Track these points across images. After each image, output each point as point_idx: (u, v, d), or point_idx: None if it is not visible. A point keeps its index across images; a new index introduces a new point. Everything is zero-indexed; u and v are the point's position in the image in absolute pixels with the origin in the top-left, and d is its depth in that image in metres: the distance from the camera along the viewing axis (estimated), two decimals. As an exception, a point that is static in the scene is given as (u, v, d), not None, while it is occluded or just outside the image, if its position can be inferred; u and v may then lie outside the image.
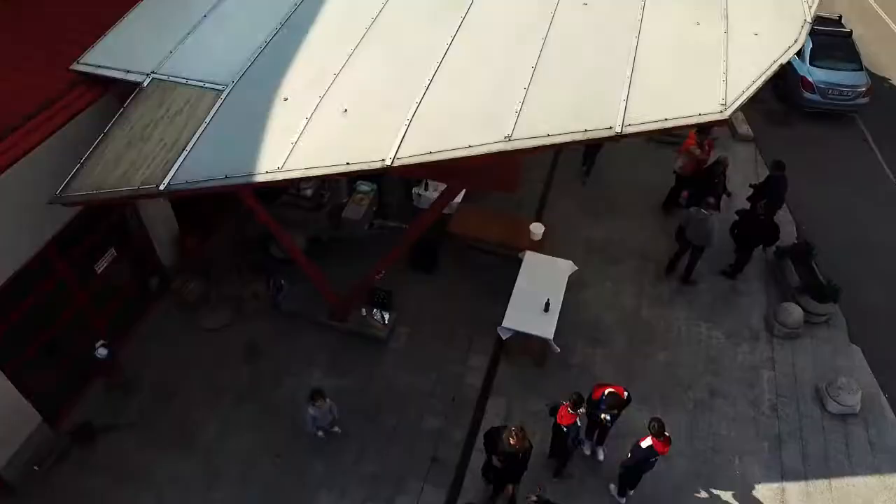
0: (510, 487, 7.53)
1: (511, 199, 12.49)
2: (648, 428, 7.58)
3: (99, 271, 9.30)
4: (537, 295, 9.69)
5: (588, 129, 6.84)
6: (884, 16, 19.14)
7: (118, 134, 7.53)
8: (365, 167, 6.88)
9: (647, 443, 7.64)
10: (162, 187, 6.90)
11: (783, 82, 15.35)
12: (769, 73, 7.15)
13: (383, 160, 6.81)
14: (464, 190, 11.77)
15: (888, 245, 12.25)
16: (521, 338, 9.60)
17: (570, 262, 10.42)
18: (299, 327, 10.36)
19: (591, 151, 13.07)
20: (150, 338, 10.19)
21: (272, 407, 9.42)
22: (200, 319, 10.43)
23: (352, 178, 11.21)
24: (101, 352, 8.82)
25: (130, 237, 9.90)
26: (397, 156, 6.81)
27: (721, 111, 6.82)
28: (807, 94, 14.77)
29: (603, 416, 8.01)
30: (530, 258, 10.34)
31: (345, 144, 7.02)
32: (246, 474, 8.70)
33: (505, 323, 9.45)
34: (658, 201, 12.72)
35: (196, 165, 7.04)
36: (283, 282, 10.54)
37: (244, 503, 8.41)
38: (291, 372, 9.83)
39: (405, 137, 6.93)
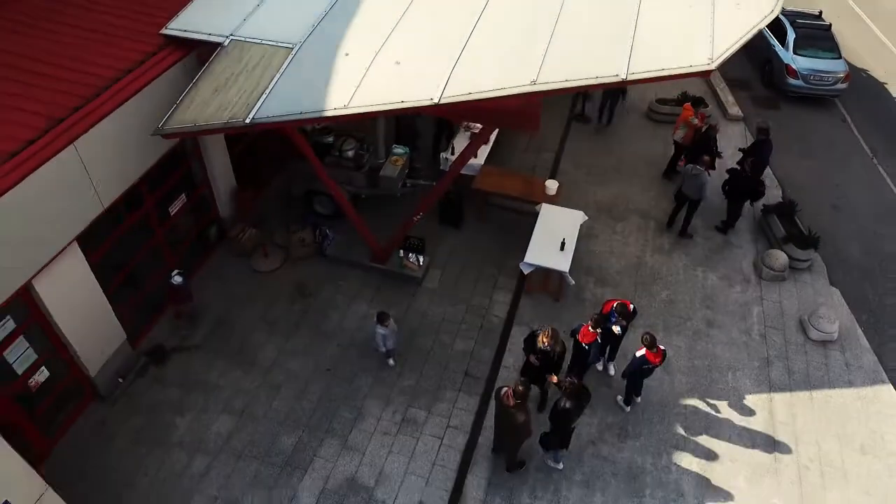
0: (553, 376, 8.71)
1: (526, 166, 13.95)
2: (641, 340, 8.86)
3: (172, 213, 10.63)
4: (554, 237, 11.03)
5: (599, 76, 8.23)
6: (861, 13, 20.73)
7: (205, 83, 8.89)
8: (416, 104, 8.26)
9: (640, 353, 8.91)
10: (247, 121, 8.27)
11: (770, 69, 16.89)
12: (748, 35, 8.52)
13: (432, 98, 8.17)
14: (486, 152, 13.20)
15: (864, 206, 13.65)
16: (540, 273, 10.92)
17: (582, 212, 11.78)
18: (343, 270, 11.66)
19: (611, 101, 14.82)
20: (210, 279, 11.44)
21: (322, 334, 10.69)
22: (254, 264, 11.73)
23: (388, 142, 12.57)
24: (177, 279, 10.09)
25: (197, 188, 11.24)
26: (443, 96, 8.19)
27: (708, 64, 8.19)
28: (791, 80, 16.24)
29: (614, 326, 9.30)
30: (546, 208, 11.68)
31: (399, 88, 8.37)
32: (302, 388, 9.94)
33: (526, 259, 10.77)
34: (658, 170, 14.11)
35: (274, 104, 8.39)
36: (328, 231, 11.88)
37: (303, 410, 9.64)
38: (337, 305, 11.12)
39: (448, 81, 8.27)
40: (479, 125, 12.97)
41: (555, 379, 8.54)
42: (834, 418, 9.81)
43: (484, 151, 13.26)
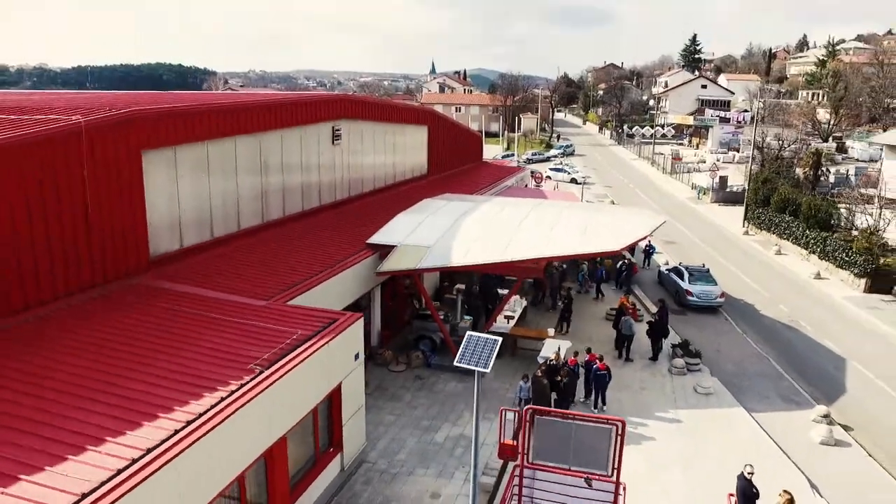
0: (564, 370, 18.21)
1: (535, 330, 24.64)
2: (598, 358, 18.79)
3: (357, 331, 21.01)
4: (553, 348, 21.25)
5: (572, 252, 19.98)
6: (736, 270, 33.42)
7: (392, 257, 20.35)
8: (493, 261, 19.66)
9: (596, 365, 18.71)
10: (416, 268, 19.55)
11: (678, 293, 28.70)
12: (636, 242, 20.73)
13: (504, 259, 19.62)
14: (513, 323, 23.94)
15: (735, 353, 24.02)
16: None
17: (569, 342, 22.11)
18: (441, 370, 21.52)
19: (568, 306, 25.70)
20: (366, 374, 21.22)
21: (434, 392, 20.17)
22: (391, 368, 21.62)
23: (462, 312, 23.48)
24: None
25: (366, 325, 21.76)
26: (503, 259, 19.65)
27: (617, 249, 20.10)
28: (690, 298, 27.92)
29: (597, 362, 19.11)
30: (549, 339, 22.07)
31: (483, 256, 19.87)
32: (428, 409, 19.15)
33: (541, 355, 20.85)
34: (609, 335, 24.73)
35: (426, 262, 19.78)
36: (432, 353, 22.05)
37: (431, 415, 18.74)
38: (440, 382, 20.75)
39: (504, 253, 19.83)
40: (509, 311, 24.10)
41: (563, 372, 18.15)
42: (710, 418, 18.91)
43: (512, 322, 24.07)
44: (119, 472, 8.60)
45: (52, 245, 13.82)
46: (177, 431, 9.62)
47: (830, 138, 75.30)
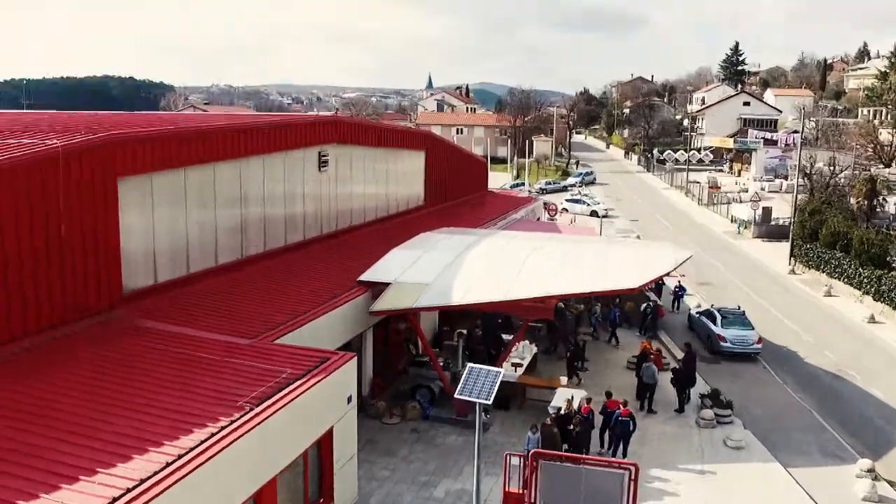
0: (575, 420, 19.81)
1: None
2: (621, 404, 20.45)
3: (346, 378, 22.69)
4: (566, 397, 22.88)
5: (581, 290, 21.83)
6: (772, 309, 35.18)
7: (387, 294, 22.15)
8: (493, 300, 21.48)
9: (618, 411, 20.34)
10: (412, 306, 21.35)
11: (709, 339, 30.42)
12: (656, 278, 22.67)
13: (508, 298, 21.45)
14: (521, 371, 25.60)
15: (770, 401, 25.64)
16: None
17: (584, 391, 23.74)
18: (439, 424, 23.10)
19: (575, 355, 27.38)
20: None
21: (433, 445, 21.74)
22: (384, 420, 23.20)
23: (464, 358, 25.17)
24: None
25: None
26: (505, 298, 21.48)
27: (635, 287, 21.99)
28: (722, 344, 29.66)
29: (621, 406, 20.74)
30: (561, 389, 23.69)
31: (485, 295, 21.68)
32: (426, 462, 20.69)
33: (552, 404, 22.47)
34: (632, 387, 26.37)
35: (423, 301, 21.59)
36: (430, 404, 23.66)
37: (429, 467, 20.27)
38: (439, 435, 22.34)
39: (507, 293, 21.66)
40: (517, 357, 25.80)
41: (576, 420, 19.78)
42: (742, 472, 20.46)
43: (520, 370, 25.73)
44: (113, 501, 10.25)
45: (24, 279, 15.60)
46: (168, 464, 11.28)
47: (894, 163, 77.82)
